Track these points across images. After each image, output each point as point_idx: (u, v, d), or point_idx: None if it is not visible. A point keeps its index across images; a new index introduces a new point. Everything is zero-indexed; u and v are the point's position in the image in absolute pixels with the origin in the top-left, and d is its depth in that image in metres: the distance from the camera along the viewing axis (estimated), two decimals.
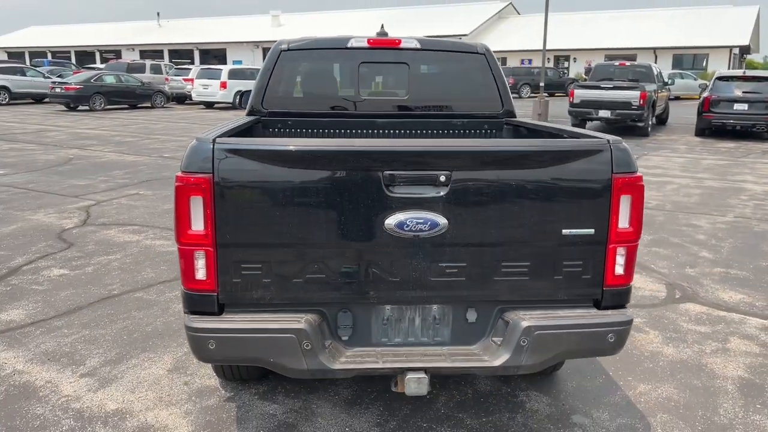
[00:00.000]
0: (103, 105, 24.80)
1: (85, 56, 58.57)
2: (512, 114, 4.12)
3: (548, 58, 44.08)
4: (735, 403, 3.38)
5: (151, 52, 55.90)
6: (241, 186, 2.40)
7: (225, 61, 51.30)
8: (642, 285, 5.18)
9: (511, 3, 53.78)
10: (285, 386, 3.49)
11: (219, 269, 2.45)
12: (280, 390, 3.46)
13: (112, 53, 57.99)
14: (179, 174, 2.39)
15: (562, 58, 45.21)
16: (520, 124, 3.93)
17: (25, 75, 29.12)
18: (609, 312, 2.62)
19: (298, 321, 2.43)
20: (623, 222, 2.56)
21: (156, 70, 31.26)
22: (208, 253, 2.43)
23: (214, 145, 2.38)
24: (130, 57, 53.82)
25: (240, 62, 50.20)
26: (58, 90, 24.69)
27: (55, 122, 19.59)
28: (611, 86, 16.94)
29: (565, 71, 41.46)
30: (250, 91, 4.07)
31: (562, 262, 2.57)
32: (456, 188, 2.44)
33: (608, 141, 2.54)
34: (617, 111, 16.56)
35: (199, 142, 2.40)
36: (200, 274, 2.45)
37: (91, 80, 25.06)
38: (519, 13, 53.36)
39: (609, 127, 16.72)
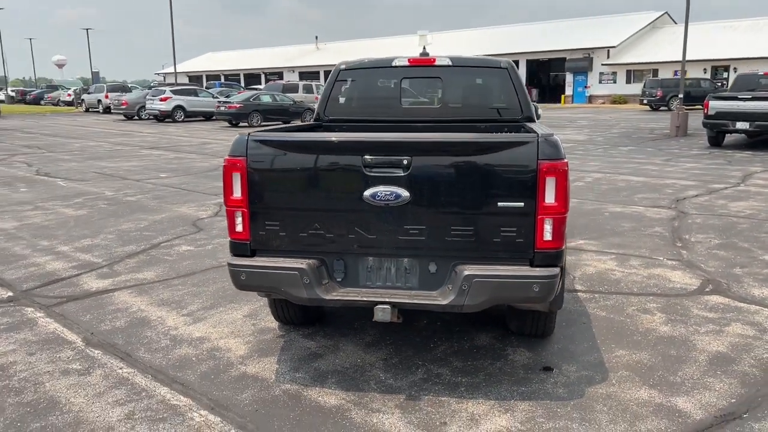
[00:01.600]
0: (259, 121, 27.54)
1: (252, 78, 64.25)
2: (531, 119, 4.82)
3: (705, 69, 41.70)
4: (698, 368, 3.86)
5: (308, 73, 60.10)
6: (265, 166, 3.44)
7: None
8: (676, 279, 5.56)
9: (666, 12, 51.45)
10: (325, 330, 4.48)
11: (251, 225, 3.50)
12: (320, 333, 4.45)
13: (275, 75, 63.08)
14: (226, 157, 3.48)
15: (720, 68, 42.53)
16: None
17: (197, 96, 32.99)
18: (537, 268, 3.31)
19: (301, 263, 3.41)
20: (549, 198, 3.26)
21: (308, 89, 33.94)
22: (243, 213, 3.50)
23: (248, 138, 3.44)
24: (290, 78, 58.33)
25: None
26: (222, 108, 27.86)
27: (216, 136, 22.29)
28: (749, 97, 16.28)
29: (724, 82, 38.97)
30: None
31: (500, 228, 3.32)
32: (416, 169, 3.30)
33: (537, 135, 3.26)
34: (756, 123, 15.91)
35: (240, 136, 3.48)
36: (239, 228, 3.52)
37: (250, 99, 27.96)
38: (675, 23, 50.86)
39: (750, 140, 16.04)
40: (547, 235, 3.30)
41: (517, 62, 50.23)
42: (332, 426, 3.26)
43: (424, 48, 5.12)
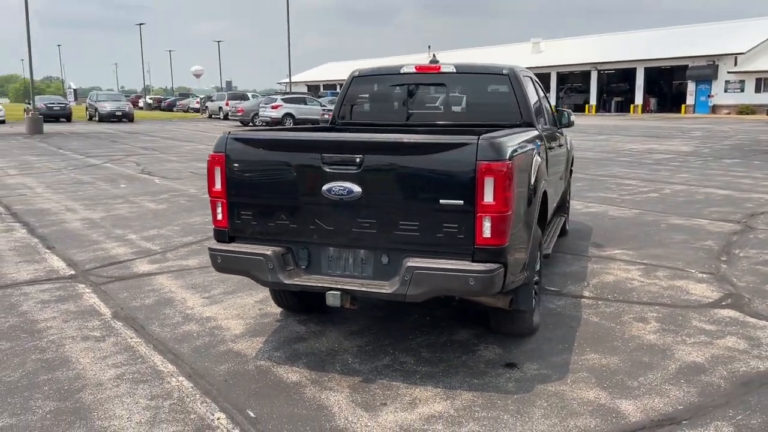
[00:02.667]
0: None
1: None
2: (530, 124, 4.92)
3: None
4: (662, 376, 3.83)
5: None
6: (240, 161, 3.84)
7: None
8: (696, 291, 5.41)
9: None
10: (319, 318, 4.82)
11: (228, 214, 3.92)
12: (314, 320, 4.79)
13: None
14: (210, 153, 3.91)
15: None
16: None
17: (306, 104, 34.52)
18: (475, 263, 3.47)
19: (268, 250, 3.78)
20: (488, 198, 3.42)
21: None
22: (222, 204, 3.92)
23: (228, 136, 3.86)
24: None
25: None
26: (325, 116, 29.06)
27: None
28: None
29: None
30: None
31: (443, 224, 3.52)
32: (367, 167, 3.57)
33: (478, 137, 3.44)
34: None
35: (222, 134, 3.90)
36: (219, 216, 3.95)
37: None
38: None
39: None
40: (486, 233, 3.46)
41: (634, 70, 48.25)
42: (283, 399, 3.59)
43: (434, 56, 5.35)
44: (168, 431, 3.25)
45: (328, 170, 3.64)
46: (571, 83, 55.54)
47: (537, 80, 6.25)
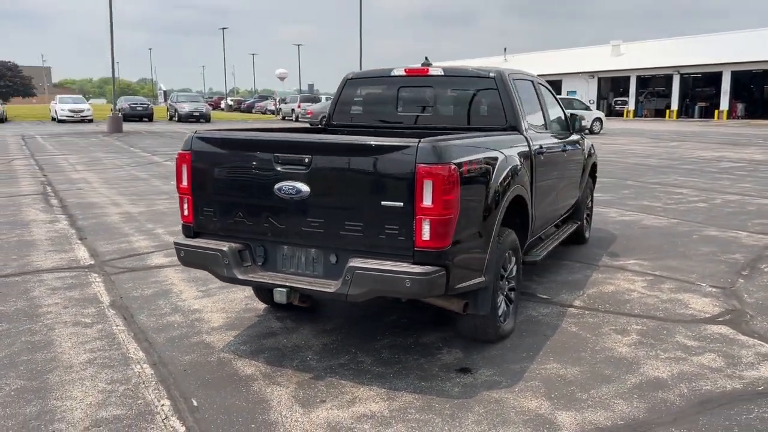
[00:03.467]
0: None
1: None
2: (515, 128, 4.85)
3: None
4: (616, 390, 3.71)
5: None
6: (203, 159, 3.99)
7: (560, 92, 52.54)
8: (696, 305, 5.18)
9: None
10: (298, 315, 4.92)
11: (193, 210, 4.08)
12: (293, 317, 4.90)
13: None
14: (179, 151, 4.09)
15: None
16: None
17: None
18: (414, 265, 3.47)
19: (225, 246, 3.91)
20: (427, 201, 3.42)
21: None
22: (188, 200, 4.09)
23: (194, 135, 4.02)
24: None
25: (574, 92, 50.94)
26: None
27: None
28: None
29: None
30: None
31: (385, 225, 3.54)
32: (315, 168, 3.65)
33: (418, 140, 3.44)
34: None
35: (190, 133, 4.07)
36: (185, 212, 4.12)
37: None
38: None
39: None
40: (426, 235, 3.46)
41: (719, 74, 46.02)
42: (230, 390, 3.71)
43: (426, 59, 5.35)
44: (111, 413, 3.43)
45: (280, 170, 3.74)
46: (653, 87, 53.51)
47: (544, 84, 6.14)
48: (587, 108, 30.81)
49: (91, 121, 39.15)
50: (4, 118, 38.02)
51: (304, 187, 3.67)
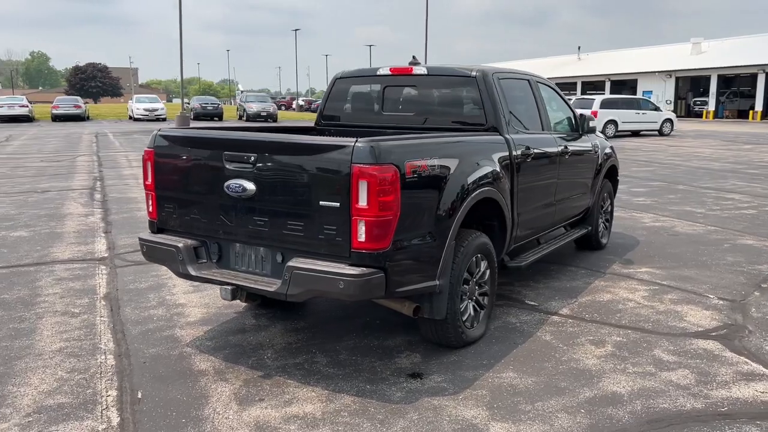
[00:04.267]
0: None
1: None
2: (496, 129, 4.71)
3: None
4: (564, 404, 3.54)
5: (566, 84, 58.67)
6: (164, 157, 4.08)
7: (635, 92, 50.69)
8: (693, 319, 4.89)
9: None
10: (275, 313, 4.96)
11: (157, 206, 4.18)
12: (269, 315, 4.94)
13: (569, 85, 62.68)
14: (144, 149, 4.20)
15: None
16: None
17: None
18: (349, 267, 3.42)
19: (180, 242, 3.99)
20: (362, 201, 3.37)
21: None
22: (152, 196, 4.19)
23: (157, 133, 4.12)
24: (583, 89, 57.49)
25: (649, 93, 49.03)
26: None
27: None
28: None
29: None
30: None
31: (324, 225, 3.51)
32: (260, 166, 3.66)
33: (356, 139, 3.39)
34: None
35: (155, 131, 4.17)
36: (150, 208, 4.22)
37: None
38: None
39: None
40: (361, 237, 3.40)
41: None
42: (178, 384, 3.77)
43: (414, 58, 5.27)
44: (57, 401, 3.55)
45: (229, 168, 3.77)
46: (736, 87, 50.77)
47: (548, 84, 5.94)
48: (656, 109, 29.57)
49: (164, 119, 40.73)
50: (86, 117, 40.16)
51: (251, 186, 3.69)
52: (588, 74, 58.11)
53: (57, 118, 37.60)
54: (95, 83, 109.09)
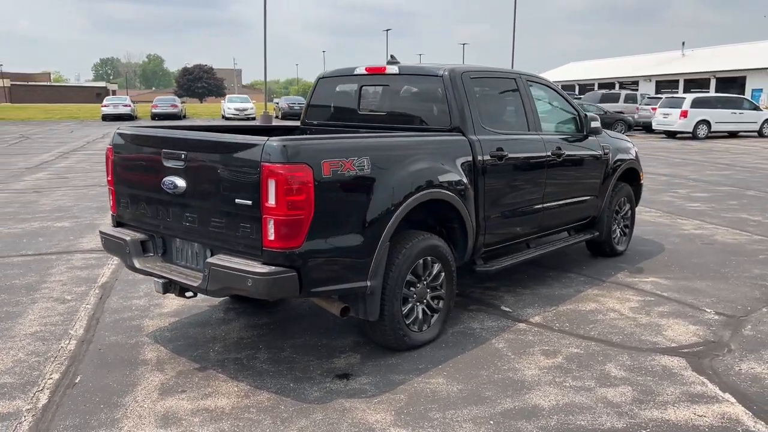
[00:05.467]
0: None
1: (605, 87, 62.34)
2: (460, 130, 4.58)
3: None
4: (478, 413, 3.42)
5: (666, 82, 55.80)
6: (119, 154, 4.28)
7: (744, 91, 47.42)
8: (671, 333, 4.58)
9: None
10: (246, 309, 5.08)
11: (115, 201, 4.39)
12: (238, 310, 5.07)
13: (632, 84, 60.11)
14: (107, 146, 4.42)
15: None
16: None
17: None
18: (260, 265, 3.45)
19: (129, 236, 4.17)
20: (271, 200, 3.39)
21: (631, 99, 32.02)
22: (112, 192, 4.40)
23: (115, 131, 4.33)
24: (645, 88, 55.03)
25: (759, 91, 45.80)
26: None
27: None
28: None
29: None
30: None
31: (240, 223, 3.57)
32: (188, 164, 3.77)
33: (267, 139, 3.42)
34: None
35: (114, 130, 4.38)
36: (110, 203, 4.44)
37: None
38: None
39: None
40: (271, 235, 3.43)
41: None
42: (118, 371, 3.95)
43: (392, 57, 5.20)
44: (3, 381, 3.81)
45: (166, 165, 3.90)
46: None
47: (544, 83, 5.73)
48: (756, 108, 27.55)
49: (254, 118, 42.20)
50: (182, 116, 42.31)
51: (181, 182, 3.80)
52: (692, 71, 54.92)
53: (156, 117, 39.86)
54: (201, 84, 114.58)
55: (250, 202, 3.48)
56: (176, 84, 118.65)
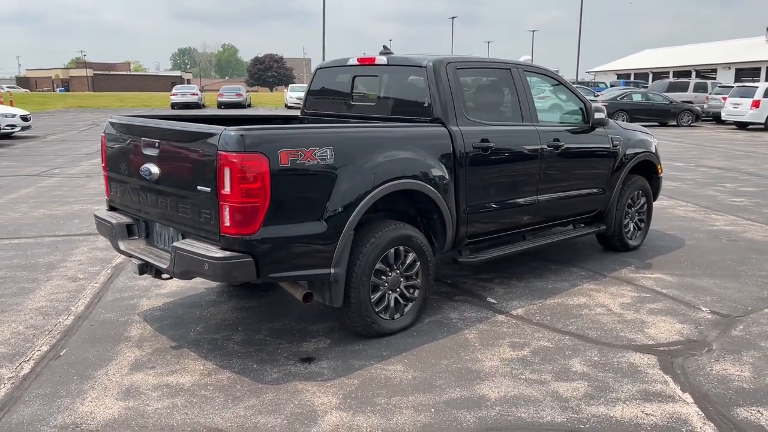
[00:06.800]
0: (626, 121, 26.37)
1: (681, 75, 59.73)
2: (441, 121, 4.59)
3: None
4: (423, 400, 3.47)
5: (748, 70, 53.05)
6: (110, 142, 4.52)
7: None
8: (655, 331, 4.47)
9: None
10: (236, 291, 5.27)
11: (109, 187, 4.64)
12: (231, 293, 5.26)
13: (709, 71, 57.42)
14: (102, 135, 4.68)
15: None
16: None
17: None
18: (219, 251, 3.60)
19: (115, 219, 4.41)
20: (226, 188, 3.53)
21: (701, 88, 30.66)
22: (105, 177, 4.66)
23: (108, 120, 4.57)
24: (724, 76, 52.49)
25: None
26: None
27: None
28: None
29: None
30: None
31: (202, 209, 3.73)
32: (161, 152, 3.96)
33: (224, 128, 3.56)
34: None
35: (107, 119, 4.62)
36: (105, 188, 4.70)
37: (617, 98, 26.93)
38: None
39: None
40: (227, 222, 3.57)
41: None
42: (101, 347, 4.20)
43: (385, 47, 5.24)
44: None
45: (144, 153, 4.11)
46: None
47: (544, 73, 5.64)
48: None
49: None
50: (247, 105, 43.38)
51: (155, 169, 4.00)
52: None
53: (221, 105, 41.04)
54: (271, 73, 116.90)
55: (209, 189, 3.63)
56: (248, 73, 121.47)
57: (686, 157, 15.51)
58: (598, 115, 5.72)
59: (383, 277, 4.23)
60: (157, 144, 3.99)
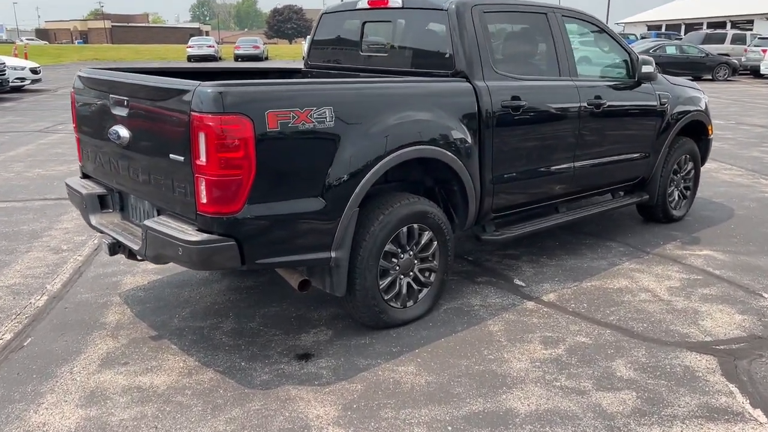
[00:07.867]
0: None
1: (715, 26, 57.23)
2: (465, 75, 3.89)
3: None
4: (438, 414, 2.90)
5: None
6: (79, 99, 3.90)
7: None
8: (710, 324, 3.84)
9: None
10: (229, 277, 4.69)
11: (80, 151, 4.04)
12: (221, 276, 4.70)
13: (746, 23, 54.94)
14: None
15: None
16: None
17: None
18: (196, 232, 3.01)
19: (86, 189, 3.82)
20: (201, 157, 2.91)
21: (739, 40, 29.12)
22: (77, 139, 4.05)
23: (77, 73, 3.94)
24: (761, 27, 50.17)
25: None
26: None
27: None
28: None
29: None
30: None
31: (175, 183, 3.11)
32: (130, 111, 3.33)
33: (198, 83, 2.91)
34: None
35: (77, 74, 3.99)
36: (77, 153, 4.10)
37: (650, 51, 25.59)
38: None
39: None
40: (204, 198, 2.97)
41: None
42: (70, 336, 3.67)
43: None
44: None
45: (113, 113, 3.49)
46: None
47: (582, 19, 4.88)
48: None
49: None
50: (264, 57, 42.38)
51: (125, 132, 3.39)
52: None
53: (238, 58, 40.10)
54: (290, 25, 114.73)
55: (182, 159, 3.02)
56: (267, 25, 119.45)
57: (725, 113, 14.52)
58: (645, 69, 4.97)
59: (394, 260, 3.63)
60: (126, 102, 3.36)
